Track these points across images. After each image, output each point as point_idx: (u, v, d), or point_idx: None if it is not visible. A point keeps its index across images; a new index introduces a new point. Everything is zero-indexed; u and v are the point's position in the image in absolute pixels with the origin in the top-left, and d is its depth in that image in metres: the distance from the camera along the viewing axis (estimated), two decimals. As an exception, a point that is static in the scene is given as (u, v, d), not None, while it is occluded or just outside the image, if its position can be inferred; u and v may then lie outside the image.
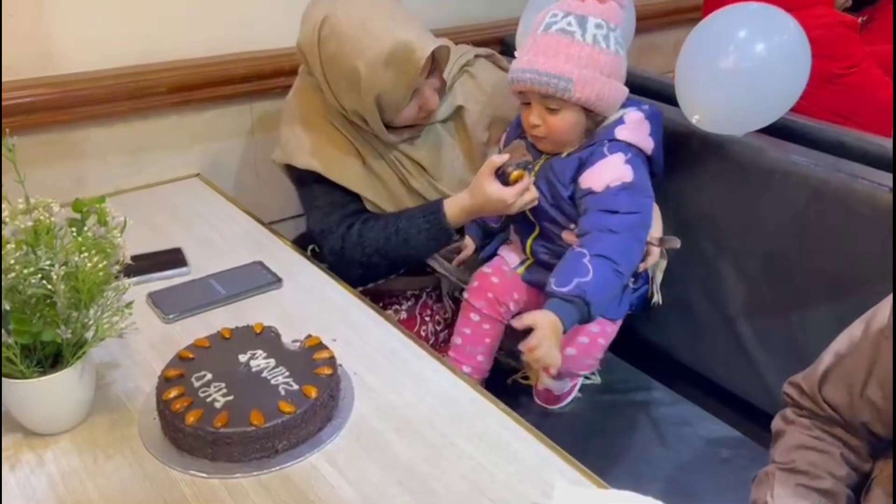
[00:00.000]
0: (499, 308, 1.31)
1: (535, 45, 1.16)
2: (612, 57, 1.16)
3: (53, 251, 0.80)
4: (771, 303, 1.29)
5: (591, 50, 1.14)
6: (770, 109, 1.22)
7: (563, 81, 1.13)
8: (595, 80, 1.14)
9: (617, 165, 1.17)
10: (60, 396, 0.86)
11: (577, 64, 1.13)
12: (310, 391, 0.88)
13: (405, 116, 1.28)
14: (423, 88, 1.26)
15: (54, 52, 1.38)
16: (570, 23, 1.14)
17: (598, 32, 1.14)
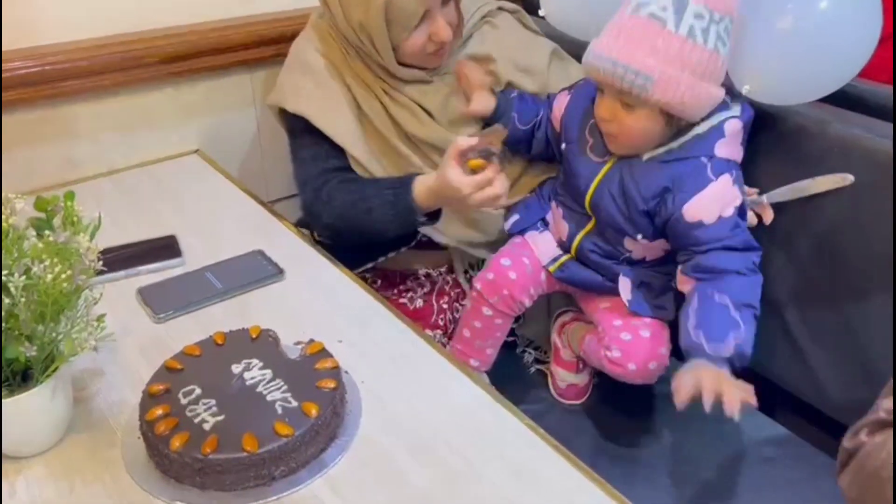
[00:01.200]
0: (513, 304, 1.20)
1: (618, 25, 1.00)
2: (709, 55, 0.99)
3: (13, 257, 0.70)
4: (824, 290, 1.17)
5: (683, 44, 0.96)
6: (833, 76, 1.07)
7: (642, 78, 0.97)
8: (681, 80, 0.97)
9: (726, 190, 1.05)
10: (31, 417, 0.77)
11: (662, 59, 0.96)
12: (310, 409, 0.78)
13: (413, 43, 1.15)
14: (435, 13, 1.14)
15: (32, 20, 1.27)
16: (664, 6, 0.97)
17: (695, 23, 0.96)
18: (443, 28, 1.15)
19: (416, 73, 1.21)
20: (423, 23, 1.14)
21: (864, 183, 1.08)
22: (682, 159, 1.06)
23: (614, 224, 1.11)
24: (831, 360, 1.18)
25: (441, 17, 1.15)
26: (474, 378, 0.92)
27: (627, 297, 1.13)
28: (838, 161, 1.10)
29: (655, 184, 1.06)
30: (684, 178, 1.05)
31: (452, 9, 1.18)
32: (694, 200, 1.03)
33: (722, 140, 1.05)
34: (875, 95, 1.16)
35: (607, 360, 1.13)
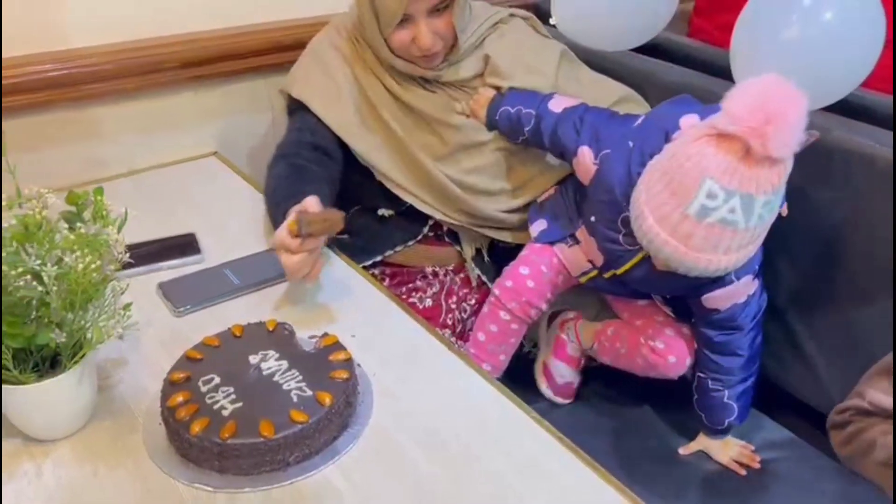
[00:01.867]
0: (530, 310, 1.23)
1: (689, 234, 0.90)
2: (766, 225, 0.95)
3: (45, 249, 0.74)
4: (825, 294, 1.19)
5: (755, 231, 0.91)
6: (838, 85, 1.10)
7: (721, 270, 0.94)
8: (749, 252, 0.95)
9: (746, 287, 1.09)
10: (58, 402, 0.80)
11: (736, 249, 0.92)
12: (324, 398, 0.81)
13: (397, 40, 1.20)
14: (419, 19, 1.18)
15: (60, 25, 1.31)
16: (733, 209, 0.88)
17: (764, 211, 0.90)
18: (424, 35, 1.18)
19: (410, 67, 1.25)
20: (407, 24, 1.18)
21: (865, 189, 1.11)
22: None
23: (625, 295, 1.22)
24: (834, 363, 1.20)
25: (424, 24, 1.18)
26: (483, 374, 0.95)
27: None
28: (840, 167, 1.12)
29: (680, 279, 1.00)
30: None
31: (443, 20, 1.20)
32: (714, 294, 1.08)
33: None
34: (877, 104, 1.18)
35: (650, 350, 1.18)
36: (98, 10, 1.34)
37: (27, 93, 1.27)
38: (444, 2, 1.18)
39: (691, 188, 0.88)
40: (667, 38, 1.48)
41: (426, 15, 1.18)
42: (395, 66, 1.25)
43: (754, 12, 1.13)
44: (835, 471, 1.17)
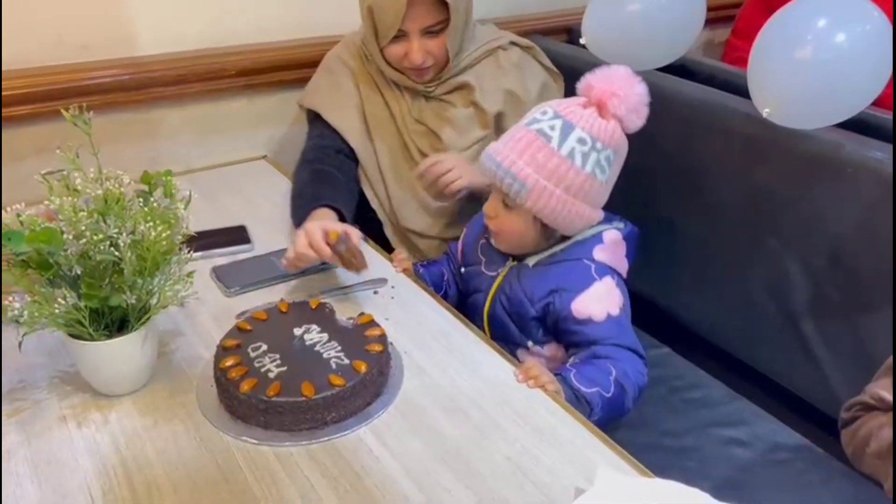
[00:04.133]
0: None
1: (512, 134, 1.08)
2: (585, 178, 1.05)
3: (122, 220, 0.84)
4: (837, 302, 1.24)
5: (562, 162, 1.03)
6: (849, 104, 1.16)
7: (518, 184, 1.04)
8: (554, 195, 1.04)
9: (611, 290, 1.10)
10: (125, 359, 0.90)
11: (538, 171, 1.04)
12: (360, 366, 0.90)
13: (391, 53, 1.30)
14: (412, 36, 1.27)
15: (131, 34, 1.44)
16: (553, 126, 1.05)
17: (577, 147, 1.04)
18: (414, 52, 1.28)
19: (401, 78, 1.35)
20: (401, 40, 1.28)
21: (876, 200, 1.16)
22: (565, 261, 1.12)
23: (507, 337, 1.16)
24: (845, 368, 1.25)
25: (417, 42, 1.27)
26: (505, 356, 1.03)
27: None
28: (851, 180, 1.18)
29: (542, 286, 1.11)
30: (570, 278, 1.10)
31: (436, 42, 1.29)
32: (581, 297, 1.08)
33: (600, 245, 1.11)
34: (887, 122, 1.24)
35: None
36: (164, 23, 1.47)
37: (99, 94, 1.40)
38: (439, 25, 1.27)
39: (532, 112, 1.10)
40: (691, 60, 1.56)
41: (420, 34, 1.27)
42: (387, 74, 1.35)
43: (771, 34, 1.21)
44: (844, 474, 1.20)
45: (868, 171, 1.17)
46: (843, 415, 1.09)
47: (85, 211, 0.83)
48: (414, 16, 1.24)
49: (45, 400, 0.92)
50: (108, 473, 0.82)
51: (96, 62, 1.41)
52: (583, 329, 1.08)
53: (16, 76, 1.33)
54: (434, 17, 1.26)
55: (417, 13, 1.24)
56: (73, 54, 1.39)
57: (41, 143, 1.36)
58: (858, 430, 1.08)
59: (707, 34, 2.22)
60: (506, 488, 0.81)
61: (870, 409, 0.99)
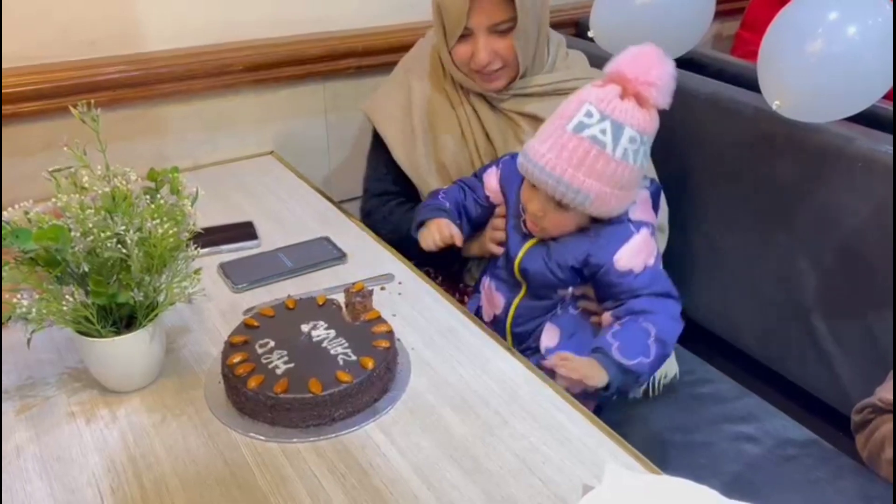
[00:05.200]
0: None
1: (560, 142, 1.05)
2: (637, 171, 1.07)
3: (129, 217, 0.84)
4: (848, 297, 1.24)
5: (618, 166, 1.04)
6: (859, 98, 1.15)
7: (582, 196, 1.05)
8: (613, 196, 1.06)
9: (648, 242, 1.12)
10: (132, 356, 0.90)
11: (599, 179, 1.04)
12: (367, 362, 0.90)
13: (458, 53, 1.28)
14: (478, 36, 1.24)
15: (138, 30, 1.44)
16: (604, 130, 1.03)
17: (629, 147, 1.04)
18: (479, 50, 1.24)
19: (468, 82, 1.32)
20: (468, 39, 1.26)
21: (888, 194, 1.15)
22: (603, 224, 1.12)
23: (545, 282, 1.16)
24: (855, 364, 1.24)
25: (483, 41, 1.24)
26: (514, 353, 1.02)
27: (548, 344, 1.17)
28: (863, 174, 1.17)
29: (581, 248, 1.12)
30: (608, 234, 1.11)
31: (503, 42, 1.25)
32: (623, 250, 1.10)
33: (633, 206, 1.13)
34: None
35: None
36: (171, 18, 1.46)
37: (106, 90, 1.40)
38: (506, 23, 1.24)
39: (573, 111, 1.05)
40: (700, 53, 1.55)
41: (486, 32, 1.24)
42: (455, 77, 1.33)
43: (781, 27, 1.20)
44: (854, 469, 1.20)
45: (879, 165, 1.16)
46: (855, 417, 1.08)
47: (92, 208, 0.83)
48: (479, 11, 1.22)
49: (54, 396, 0.92)
50: (116, 470, 0.82)
51: (104, 58, 1.41)
52: (623, 281, 1.11)
53: (24, 73, 1.33)
54: (501, 14, 1.23)
55: (482, 8, 1.22)
56: (80, 50, 1.39)
57: (49, 140, 1.36)
58: (872, 434, 1.07)
59: (716, 27, 2.21)
60: (514, 485, 0.80)
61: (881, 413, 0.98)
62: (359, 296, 1.00)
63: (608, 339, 1.06)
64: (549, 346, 1.17)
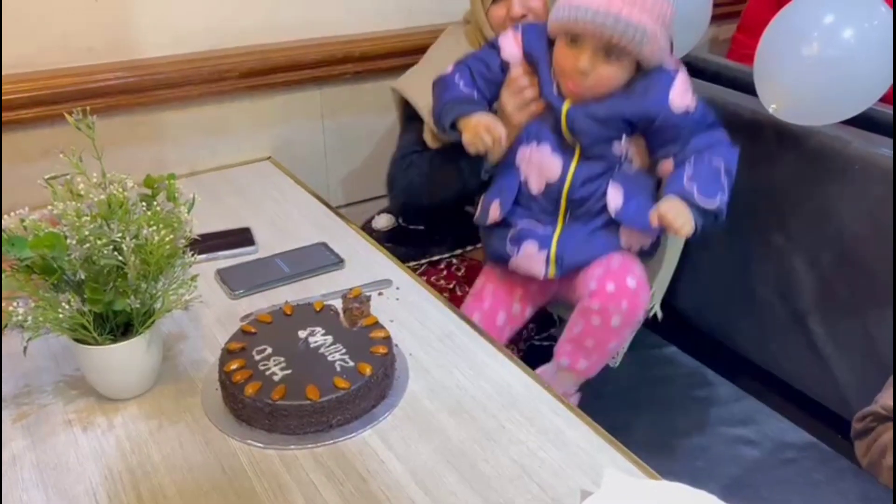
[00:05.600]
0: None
1: None
2: (673, 9, 1.10)
3: (125, 224, 0.84)
4: (845, 299, 1.24)
5: (664, 2, 1.07)
6: (855, 101, 1.16)
7: (640, 33, 1.05)
8: (660, 35, 1.08)
9: (688, 79, 1.14)
10: (129, 363, 0.90)
11: (651, 16, 1.06)
12: (364, 369, 0.90)
13: (495, 15, 1.32)
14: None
15: (136, 37, 1.44)
16: None
17: None
18: (514, 6, 1.29)
19: None
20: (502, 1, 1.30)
21: (884, 197, 1.16)
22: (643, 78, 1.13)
23: (596, 137, 1.15)
24: (853, 367, 1.24)
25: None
26: (511, 357, 1.02)
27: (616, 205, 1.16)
28: (859, 176, 1.18)
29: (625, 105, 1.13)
30: (651, 83, 1.12)
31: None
32: (673, 92, 1.11)
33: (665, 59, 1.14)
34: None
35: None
36: (168, 25, 1.46)
37: (104, 97, 1.40)
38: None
39: None
40: (697, 56, 1.55)
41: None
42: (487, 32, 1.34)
43: (777, 31, 1.20)
44: (854, 472, 1.20)
45: (876, 168, 1.16)
46: (856, 425, 1.08)
47: (88, 216, 0.83)
48: None
49: (51, 404, 0.92)
50: (113, 478, 0.82)
51: (101, 65, 1.41)
52: (684, 122, 1.12)
53: (22, 79, 1.33)
54: None
55: None
56: (79, 57, 1.39)
57: (47, 146, 1.35)
58: (873, 442, 1.07)
59: (713, 30, 2.21)
60: (511, 491, 0.80)
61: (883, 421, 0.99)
62: (356, 301, 0.99)
63: (685, 185, 1.09)
64: (617, 205, 1.16)
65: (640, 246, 1.21)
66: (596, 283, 1.16)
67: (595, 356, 1.21)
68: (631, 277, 1.16)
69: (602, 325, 1.16)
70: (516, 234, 1.22)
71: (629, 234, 1.18)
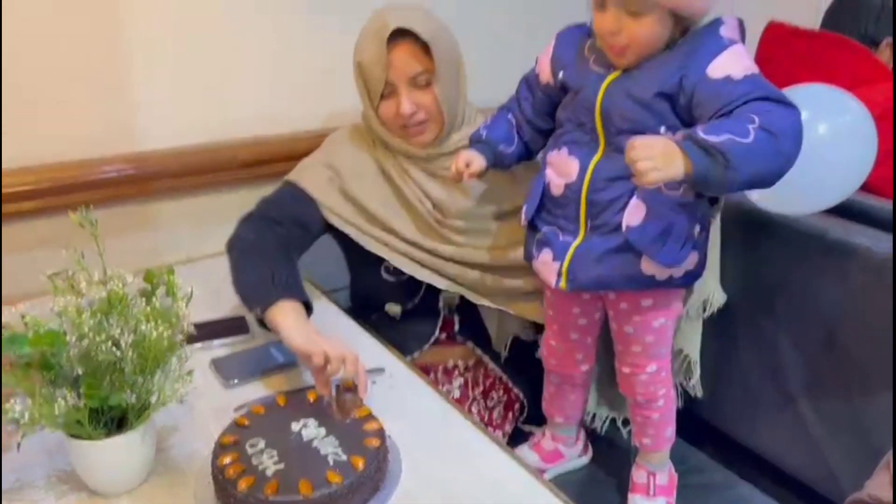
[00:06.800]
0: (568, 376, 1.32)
1: None
2: None
3: (124, 320, 0.85)
4: (833, 383, 1.25)
5: None
6: (833, 191, 1.19)
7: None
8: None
9: (744, 55, 1.02)
10: (123, 457, 0.90)
11: None
12: (357, 462, 0.90)
13: (384, 111, 1.31)
14: (401, 89, 1.28)
15: (136, 129, 1.49)
16: None
17: None
18: (403, 103, 1.28)
19: (400, 143, 1.34)
20: (392, 96, 1.30)
21: (865, 285, 1.19)
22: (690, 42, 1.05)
23: (630, 121, 1.06)
24: (844, 451, 1.25)
25: (406, 94, 1.29)
26: (503, 446, 1.03)
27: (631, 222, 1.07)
28: (838, 263, 1.21)
29: (670, 67, 1.03)
30: (698, 49, 1.02)
31: (426, 94, 1.30)
32: (716, 60, 1.00)
33: (723, 26, 1.05)
34: (873, 208, 1.28)
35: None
36: (167, 118, 1.51)
37: (103, 188, 1.44)
38: (425, 75, 1.28)
39: None
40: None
41: (407, 86, 1.29)
42: (388, 142, 1.35)
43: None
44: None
45: (855, 257, 1.19)
46: None
47: (88, 312, 0.84)
48: (397, 64, 1.27)
49: (42, 500, 0.91)
50: (103, 578, 0.81)
51: (102, 158, 1.45)
52: (721, 89, 0.98)
53: (24, 172, 1.37)
54: (418, 64, 1.28)
55: (400, 60, 1.27)
56: (80, 149, 1.43)
57: (46, 236, 1.39)
58: None
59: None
60: (506, 588, 0.80)
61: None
62: (349, 392, 1.00)
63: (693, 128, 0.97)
64: (631, 223, 1.07)
65: (667, 275, 1.10)
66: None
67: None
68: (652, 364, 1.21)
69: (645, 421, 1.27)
70: (539, 239, 1.19)
71: (650, 260, 1.09)
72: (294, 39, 1.60)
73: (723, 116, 0.97)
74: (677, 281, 1.14)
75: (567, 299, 1.26)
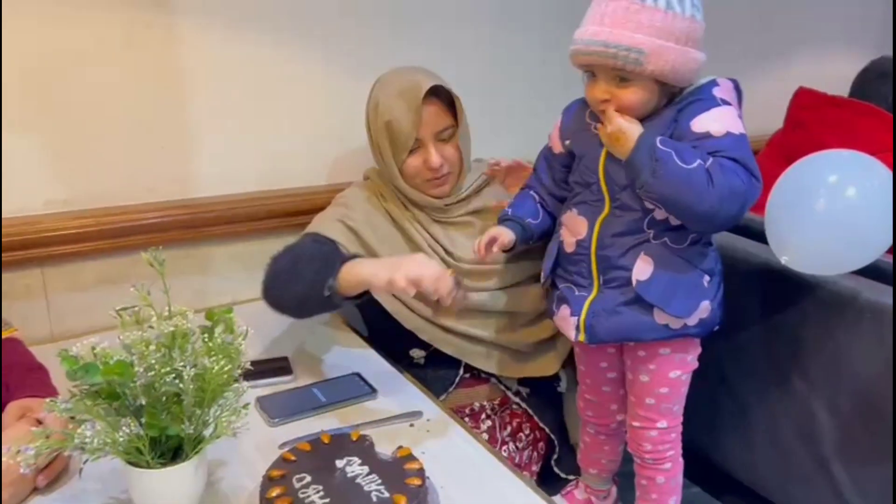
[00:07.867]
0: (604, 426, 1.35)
1: (600, 12, 1.07)
2: (688, 22, 1.06)
3: (186, 354, 0.91)
4: (866, 445, 1.26)
5: (664, 16, 1.04)
6: (862, 254, 1.22)
7: (635, 53, 1.04)
8: (669, 49, 1.05)
9: (733, 115, 1.09)
10: (178, 487, 0.94)
11: (648, 33, 1.04)
12: (399, 500, 0.93)
13: (410, 165, 1.39)
14: (428, 143, 1.38)
15: (191, 178, 1.58)
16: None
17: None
18: (433, 155, 1.38)
19: (420, 196, 1.43)
20: (418, 151, 1.39)
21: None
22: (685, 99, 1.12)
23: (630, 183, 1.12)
24: (879, 514, 1.25)
25: (433, 145, 1.39)
26: (537, 490, 1.05)
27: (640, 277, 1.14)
28: (871, 325, 1.23)
29: (663, 123, 1.11)
30: (690, 105, 1.10)
31: (449, 146, 1.41)
32: (701, 116, 1.08)
33: (716, 87, 1.12)
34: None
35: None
36: (221, 168, 1.61)
37: (159, 232, 1.51)
38: (448, 130, 1.40)
39: None
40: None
41: (433, 140, 1.39)
42: (409, 195, 1.43)
43: (785, 187, 1.29)
44: None
45: (887, 317, 1.21)
46: None
47: (154, 345, 0.90)
48: (427, 121, 1.37)
49: (97, 527, 0.95)
50: None
51: (159, 203, 1.53)
52: (700, 144, 1.07)
53: (85, 215, 1.46)
54: (444, 121, 1.40)
55: (430, 118, 1.37)
56: (140, 196, 1.53)
57: (103, 275, 1.47)
58: None
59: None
60: None
61: None
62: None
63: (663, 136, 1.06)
64: (640, 278, 1.14)
65: (681, 324, 1.16)
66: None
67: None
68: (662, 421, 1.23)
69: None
70: (558, 295, 1.26)
71: (662, 311, 1.15)
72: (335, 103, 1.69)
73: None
74: (693, 329, 1.18)
75: (593, 354, 1.31)
